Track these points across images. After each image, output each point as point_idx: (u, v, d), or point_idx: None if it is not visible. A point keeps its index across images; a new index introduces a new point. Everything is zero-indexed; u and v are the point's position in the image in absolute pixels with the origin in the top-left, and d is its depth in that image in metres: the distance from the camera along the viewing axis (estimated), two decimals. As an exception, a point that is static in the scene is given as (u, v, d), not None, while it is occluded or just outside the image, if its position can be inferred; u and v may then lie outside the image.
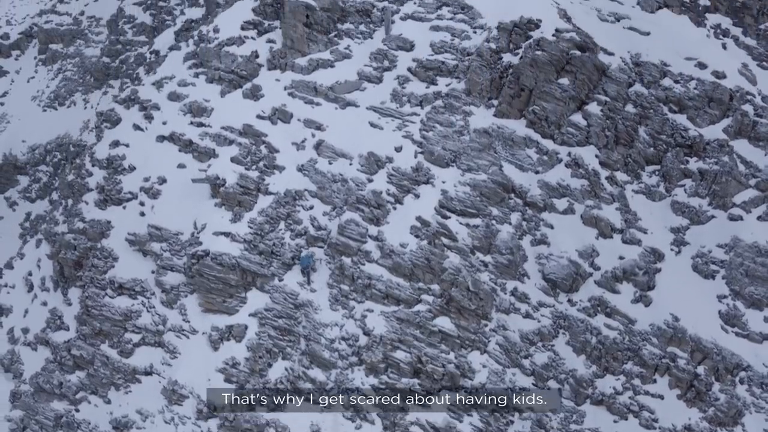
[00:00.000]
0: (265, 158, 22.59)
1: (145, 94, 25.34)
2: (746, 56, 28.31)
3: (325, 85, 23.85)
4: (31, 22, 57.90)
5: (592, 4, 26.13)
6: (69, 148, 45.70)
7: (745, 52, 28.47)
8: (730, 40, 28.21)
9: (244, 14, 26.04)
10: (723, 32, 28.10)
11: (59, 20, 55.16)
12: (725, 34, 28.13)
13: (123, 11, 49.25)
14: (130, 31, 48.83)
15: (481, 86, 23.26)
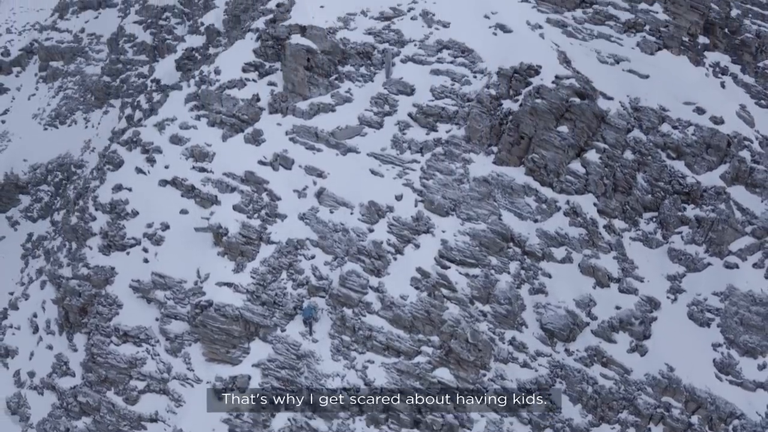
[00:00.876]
0: (267, 206, 23.18)
1: (147, 136, 25.86)
2: (744, 94, 28.95)
3: (326, 131, 24.40)
4: (31, 38, 58.20)
5: (591, 45, 26.62)
6: (70, 168, 46.31)
7: (743, 90, 29.07)
8: (729, 78, 28.80)
9: (245, 55, 26.52)
10: (722, 70, 28.63)
11: (60, 37, 55.38)
12: (724, 72, 28.66)
13: (123, 30, 49.56)
14: (130, 50, 49.16)
15: (481, 133, 23.81)
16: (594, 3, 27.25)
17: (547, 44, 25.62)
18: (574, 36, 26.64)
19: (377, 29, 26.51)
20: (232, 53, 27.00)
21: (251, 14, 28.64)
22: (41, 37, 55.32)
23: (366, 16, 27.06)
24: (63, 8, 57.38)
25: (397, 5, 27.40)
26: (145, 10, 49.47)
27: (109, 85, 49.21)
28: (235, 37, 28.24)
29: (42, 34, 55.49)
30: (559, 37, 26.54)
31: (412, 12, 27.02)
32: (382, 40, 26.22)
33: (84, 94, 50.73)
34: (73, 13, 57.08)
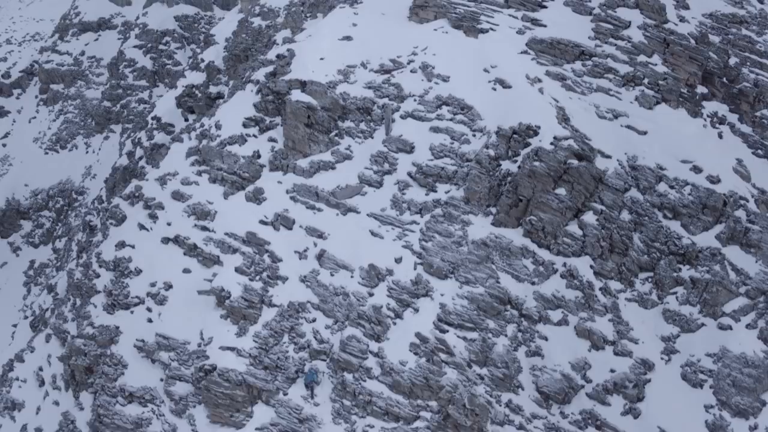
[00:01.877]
0: (269, 269, 23.79)
1: (148, 191, 26.42)
2: (741, 144, 29.42)
3: (327, 190, 24.97)
4: (32, 59, 58.33)
5: (590, 99, 27.08)
6: (71, 195, 46.70)
7: (740, 140, 29.56)
8: (726, 127, 29.27)
9: (245, 108, 27.02)
10: (720, 120, 29.08)
11: (60, 60, 55.65)
12: (722, 122, 29.11)
13: (123, 54, 49.90)
14: (130, 75, 49.49)
15: (480, 195, 24.39)
16: (593, 55, 27.65)
17: (546, 100, 26.07)
18: (573, 89, 27.08)
19: (377, 83, 26.97)
20: (232, 105, 27.49)
21: (251, 63, 28.96)
22: (42, 58, 55.52)
23: (366, 68, 27.49)
24: (63, 29, 57.54)
25: (396, 57, 27.82)
26: (145, 35, 49.86)
27: (110, 110, 49.51)
28: (236, 86, 28.64)
29: (42, 55, 55.67)
30: (558, 91, 26.99)
31: (411, 64, 27.47)
32: (382, 94, 26.71)
33: (84, 118, 51.03)
34: (74, 35, 57.21)
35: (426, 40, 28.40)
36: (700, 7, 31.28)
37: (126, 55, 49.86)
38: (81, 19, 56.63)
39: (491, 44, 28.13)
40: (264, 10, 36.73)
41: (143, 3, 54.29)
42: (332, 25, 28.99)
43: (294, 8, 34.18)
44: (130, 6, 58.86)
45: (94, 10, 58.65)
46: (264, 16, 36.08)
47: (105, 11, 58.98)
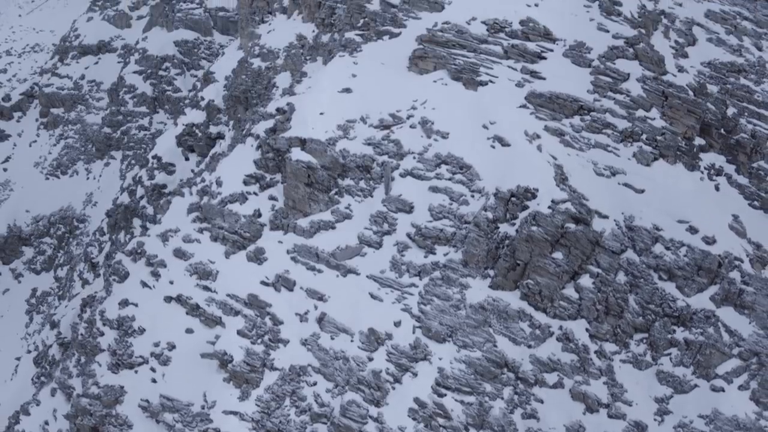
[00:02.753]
0: (270, 332, 24.31)
1: (151, 247, 26.92)
2: (738, 195, 29.73)
3: (327, 251, 25.42)
4: (31, 81, 58.53)
5: (588, 156, 27.37)
6: (72, 222, 47.25)
7: (737, 191, 29.91)
8: (723, 178, 29.56)
9: (245, 165, 27.45)
10: (717, 171, 29.44)
11: (60, 83, 55.93)
12: (719, 173, 29.47)
13: (123, 80, 50.13)
14: (130, 101, 49.67)
15: (478, 258, 24.83)
16: (592, 110, 27.91)
17: (544, 158, 26.42)
18: (571, 145, 27.40)
19: (377, 139, 27.30)
20: (233, 160, 27.88)
21: (251, 116, 29.21)
22: (42, 80, 55.70)
23: (365, 123, 27.79)
24: (63, 51, 57.69)
25: (396, 111, 28.11)
26: (145, 60, 50.09)
27: (110, 136, 49.83)
28: (236, 139, 28.95)
29: (42, 78, 55.83)
30: (556, 147, 27.31)
31: (411, 120, 27.77)
32: (381, 151, 27.05)
33: (85, 144, 51.39)
34: (73, 58, 57.38)
35: (425, 93, 28.70)
36: (699, 56, 31.55)
37: (126, 81, 50.07)
38: (81, 42, 56.70)
39: (490, 98, 28.41)
40: (263, 51, 36.94)
41: (143, 26, 54.40)
42: (332, 76, 29.24)
43: (293, 50, 34.40)
44: (129, 29, 58.96)
45: (93, 32, 58.70)
46: (263, 57, 36.29)
47: (105, 34, 59.05)
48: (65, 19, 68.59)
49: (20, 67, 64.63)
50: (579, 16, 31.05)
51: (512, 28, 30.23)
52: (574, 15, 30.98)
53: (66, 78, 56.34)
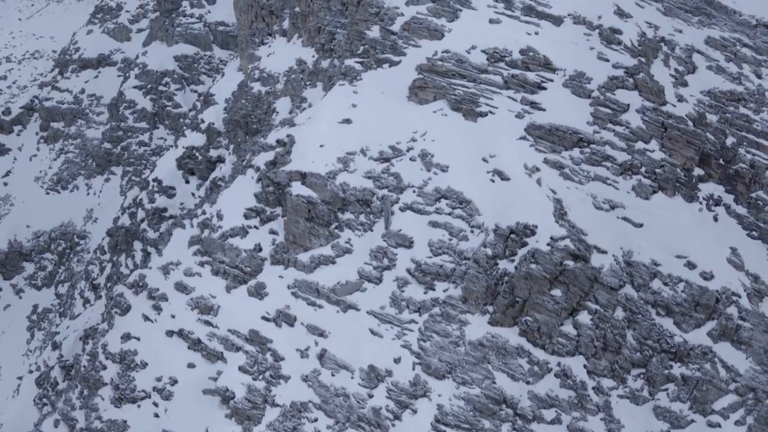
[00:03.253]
0: (271, 368, 24.57)
1: (152, 280, 27.20)
2: (736, 225, 29.94)
3: (327, 287, 25.67)
4: (31, 94, 58.57)
5: (588, 189, 27.55)
6: (73, 238, 47.49)
7: (735, 221, 30.10)
8: (722, 208, 29.72)
9: (246, 197, 27.62)
10: (715, 202, 29.62)
11: (60, 97, 56.04)
12: (717, 203, 29.64)
13: (123, 95, 50.20)
14: (130, 116, 49.79)
15: (477, 294, 25.08)
16: (591, 142, 28.05)
17: (543, 192, 26.59)
18: (570, 178, 27.56)
19: (377, 172, 27.46)
20: (233, 193, 28.09)
21: (252, 146, 29.40)
22: (41, 93, 55.78)
23: (365, 155, 27.94)
24: (63, 65, 57.68)
25: (396, 143, 28.26)
26: (145, 75, 50.16)
27: (110, 151, 50.06)
28: (236, 170, 29.11)
29: (42, 91, 55.92)
30: (555, 180, 27.47)
31: (411, 152, 27.93)
32: (381, 185, 27.22)
33: (85, 158, 51.62)
34: (73, 72, 57.43)
35: (425, 125, 28.84)
36: (699, 84, 31.64)
37: (126, 96, 50.16)
38: (81, 55, 56.69)
39: (490, 129, 28.55)
40: (263, 75, 36.98)
41: (143, 39, 54.37)
42: (332, 106, 29.38)
43: (293, 75, 34.50)
44: (129, 42, 58.93)
45: (93, 45, 58.70)
46: (263, 82, 36.36)
47: (104, 47, 59.08)
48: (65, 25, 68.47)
49: (20, 74, 64.75)
50: (579, 44, 31.12)
51: (512, 58, 30.33)
52: (575, 44, 31.05)
53: (66, 92, 56.43)
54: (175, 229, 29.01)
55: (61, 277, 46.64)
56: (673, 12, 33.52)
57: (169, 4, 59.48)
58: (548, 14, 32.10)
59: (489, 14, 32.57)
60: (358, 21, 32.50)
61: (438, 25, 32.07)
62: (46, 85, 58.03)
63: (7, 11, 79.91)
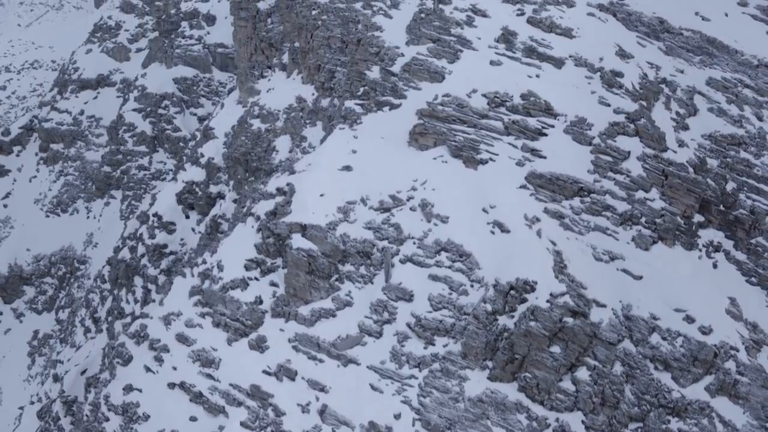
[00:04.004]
0: (273, 423, 24.80)
1: (153, 331, 27.38)
2: (735, 271, 30.05)
3: (328, 341, 25.83)
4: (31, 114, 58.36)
5: (587, 239, 27.64)
6: (73, 263, 47.65)
7: (734, 267, 30.21)
8: (721, 254, 29.80)
9: (246, 248, 27.80)
10: (715, 248, 29.65)
11: (59, 118, 55.90)
12: (717, 250, 29.69)
13: (123, 118, 50.06)
14: (130, 139, 49.64)
15: (477, 350, 25.26)
16: (592, 192, 28.07)
17: (543, 245, 26.69)
18: (570, 229, 27.65)
19: (377, 223, 27.52)
20: (233, 242, 28.17)
21: (252, 193, 29.39)
22: (41, 113, 55.63)
23: (366, 205, 27.99)
24: (62, 85, 57.37)
25: (396, 192, 28.30)
26: (144, 98, 49.99)
27: (110, 175, 50.04)
28: (237, 217, 29.16)
29: (42, 111, 55.73)
30: (556, 231, 27.55)
31: (411, 201, 27.98)
32: (381, 236, 27.31)
33: (85, 181, 51.61)
34: (72, 92, 57.19)
35: (426, 172, 28.87)
36: (700, 127, 31.60)
37: (125, 119, 50.03)
38: (80, 75, 56.42)
39: (490, 178, 28.60)
40: (263, 112, 36.83)
41: (142, 59, 54.07)
42: (332, 153, 29.38)
43: (293, 113, 34.37)
44: (128, 62, 58.63)
45: (92, 65, 58.43)
46: (263, 119, 36.24)
47: (103, 67, 58.80)
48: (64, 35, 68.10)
49: (19, 84, 64.60)
50: (580, 88, 31.04)
51: (513, 103, 30.28)
52: (576, 87, 30.97)
53: (65, 113, 56.27)
54: (176, 278, 29.16)
55: (61, 302, 46.82)
56: (674, 51, 33.37)
57: (168, 24, 59.14)
58: (549, 56, 32.01)
59: (490, 55, 32.52)
60: (358, 61, 32.38)
61: (438, 67, 31.99)
62: (45, 105, 57.84)
63: (7, 16, 79.44)
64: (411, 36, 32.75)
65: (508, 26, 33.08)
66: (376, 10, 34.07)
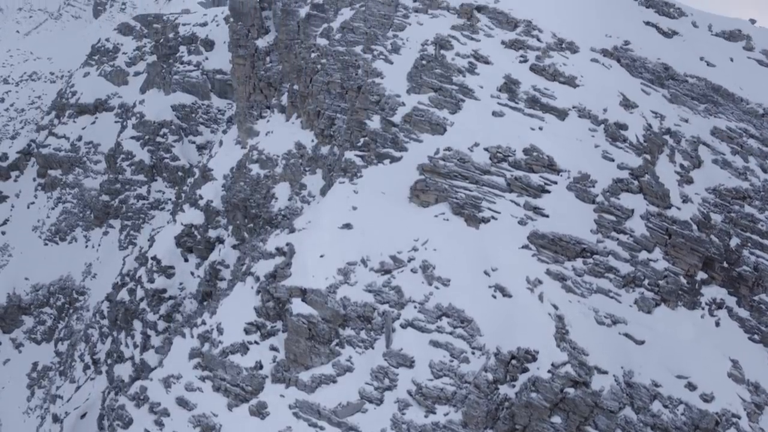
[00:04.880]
0: (273, 494, 24.61)
1: (153, 394, 27.24)
2: (738, 328, 29.82)
3: (329, 408, 25.65)
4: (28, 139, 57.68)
5: (590, 302, 27.41)
6: (72, 294, 47.34)
7: (737, 324, 29.99)
8: (724, 311, 29.57)
9: (246, 311, 27.53)
10: (717, 305, 29.37)
11: (57, 144, 55.25)
12: (720, 307, 29.41)
13: (121, 146, 49.39)
14: (128, 168, 49.04)
15: (478, 419, 25.08)
16: (594, 253, 27.77)
17: (545, 310, 26.42)
18: (573, 291, 27.39)
19: (377, 285, 27.25)
20: (233, 303, 27.95)
21: (251, 251, 29.04)
22: (38, 137, 54.99)
23: (366, 266, 27.69)
24: (60, 108, 56.54)
25: (397, 253, 27.98)
26: (142, 126, 49.42)
27: (108, 204, 49.56)
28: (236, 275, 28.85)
29: (39, 135, 55.08)
30: (557, 293, 27.30)
31: (412, 263, 27.64)
32: (382, 300, 27.04)
33: (83, 209, 51.16)
34: (70, 117, 56.45)
35: (427, 231, 28.53)
36: (705, 180, 31.22)
37: (123, 147, 49.47)
38: (78, 99, 55.61)
39: (492, 237, 28.29)
40: (262, 157, 36.28)
41: (140, 83, 53.19)
42: (332, 209, 29.03)
43: (293, 160, 33.86)
44: (126, 86, 57.78)
45: (90, 89, 57.62)
46: (262, 164, 35.72)
47: (101, 91, 57.97)
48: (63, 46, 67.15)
49: (18, 96, 63.83)
50: (584, 141, 30.61)
51: (515, 158, 29.87)
52: (579, 140, 30.54)
53: (63, 138, 55.59)
54: (176, 337, 28.95)
55: (60, 334, 46.62)
56: (679, 99, 32.86)
57: (167, 48, 58.10)
58: (552, 107, 31.54)
59: (492, 105, 32.03)
60: (359, 109, 31.86)
61: (440, 118, 31.51)
62: (43, 129, 57.19)
63: (5, 22, 78.39)
64: (412, 84, 32.22)
65: (510, 74, 32.59)
66: (377, 54, 33.48)
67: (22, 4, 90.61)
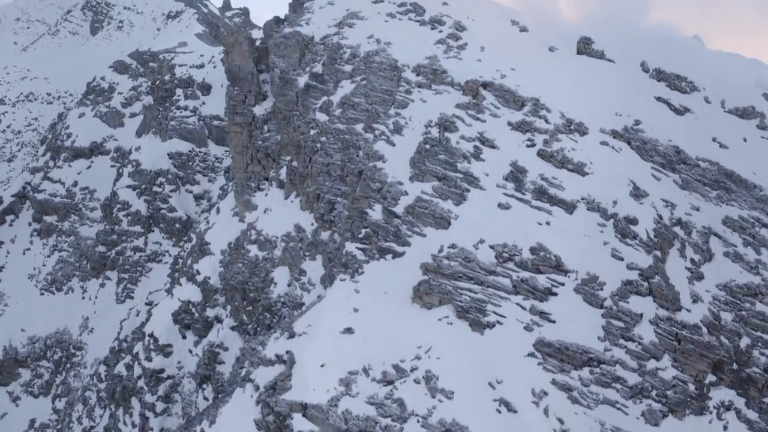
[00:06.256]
0: None
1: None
2: (746, 431, 28.98)
3: None
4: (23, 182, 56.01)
5: (596, 414, 26.68)
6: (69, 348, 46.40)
7: (745, 426, 29.14)
8: (732, 413, 28.74)
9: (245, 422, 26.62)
10: (726, 407, 28.55)
11: (52, 189, 53.76)
12: (728, 408, 28.56)
13: (117, 195, 47.84)
14: (125, 219, 47.62)
15: None
16: (602, 362, 26.82)
17: (550, 425, 25.59)
18: (579, 402, 26.58)
19: (380, 397, 26.35)
20: (232, 413, 27.15)
21: (250, 355, 28.00)
22: (33, 180, 53.41)
23: (368, 375, 26.74)
24: (55, 150, 54.72)
25: (399, 361, 27.02)
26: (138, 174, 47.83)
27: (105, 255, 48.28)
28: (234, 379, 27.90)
29: (34, 177, 53.49)
30: (563, 405, 26.50)
31: (415, 373, 26.67)
32: (384, 413, 26.15)
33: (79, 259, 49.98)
34: (65, 161, 54.67)
35: (430, 337, 27.54)
36: (716, 276, 30.11)
37: (119, 197, 48.02)
38: (73, 142, 53.82)
39: (497, 344, 27.33)
40: (260, 238, 34.91)
41: (136, 126, 51.45)
42: (333, 311, 27.99)
43: (292, 243, 32.58)
44: (122, 128, 55.93)
45: (85, 131, 55.81)
46: (261, 246, 34.43)
47: (97, 134, 56.16)
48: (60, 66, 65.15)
49: (14, 118, 62.18)
50: (592, 237, 29.41)
51: (522, 257, 28.68)
52: (588, 237, 29.33)
53: (58, 183, 54.00)
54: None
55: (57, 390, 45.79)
56: (690, 185, 31.54)
57: (163, 91, 55.91)
58: (561, 199, 30.24)
59: (498, 196, 30.69)
60: (360, 197, 30.50)
61: (444, 211, 30.20)
62: (38, 171, 55.49)
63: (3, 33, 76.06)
64: (415, 171, 30.83)
65: (517, 161, 31.20)
66: (378, 135, 31.98)
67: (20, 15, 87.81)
